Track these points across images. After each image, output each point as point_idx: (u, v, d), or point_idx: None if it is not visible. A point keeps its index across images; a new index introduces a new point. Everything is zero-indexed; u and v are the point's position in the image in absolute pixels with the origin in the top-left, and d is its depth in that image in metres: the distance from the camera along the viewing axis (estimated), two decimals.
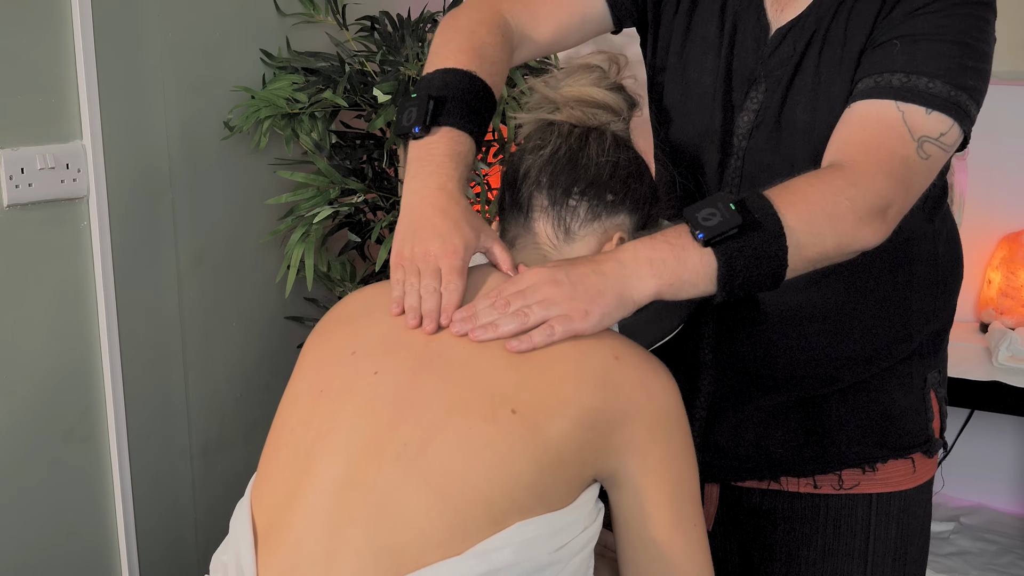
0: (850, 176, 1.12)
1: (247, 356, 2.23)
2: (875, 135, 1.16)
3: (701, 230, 1.07)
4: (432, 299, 1.09)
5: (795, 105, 1.26)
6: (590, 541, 1.05)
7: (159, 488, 2.05)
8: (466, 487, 0.99)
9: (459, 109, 1.20)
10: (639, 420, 1.06)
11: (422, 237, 1.13)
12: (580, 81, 1.26)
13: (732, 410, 1.36)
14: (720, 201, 1.08)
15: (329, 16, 2.24)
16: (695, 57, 1.34)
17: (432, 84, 1.22)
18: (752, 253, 1.07)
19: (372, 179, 2.14)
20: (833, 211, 1.10)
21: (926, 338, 1.36)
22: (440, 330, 1.09)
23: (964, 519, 2.64)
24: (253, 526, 1.06)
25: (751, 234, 1.07)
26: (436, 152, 1.18)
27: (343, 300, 1.19)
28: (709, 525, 1.43)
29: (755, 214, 1.08)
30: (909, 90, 1.16)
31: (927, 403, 1.37)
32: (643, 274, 1.07)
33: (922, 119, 1.16)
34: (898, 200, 1.14)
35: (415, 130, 1.19)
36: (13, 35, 1.72)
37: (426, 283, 1.10)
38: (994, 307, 2.49)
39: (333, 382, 1.09)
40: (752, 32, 1.30)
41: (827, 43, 1.25)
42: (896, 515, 1.37)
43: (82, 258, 1.86)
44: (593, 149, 1.23)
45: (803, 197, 1.10)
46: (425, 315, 1.09)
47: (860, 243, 1.12)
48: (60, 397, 1.86)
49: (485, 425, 1.01)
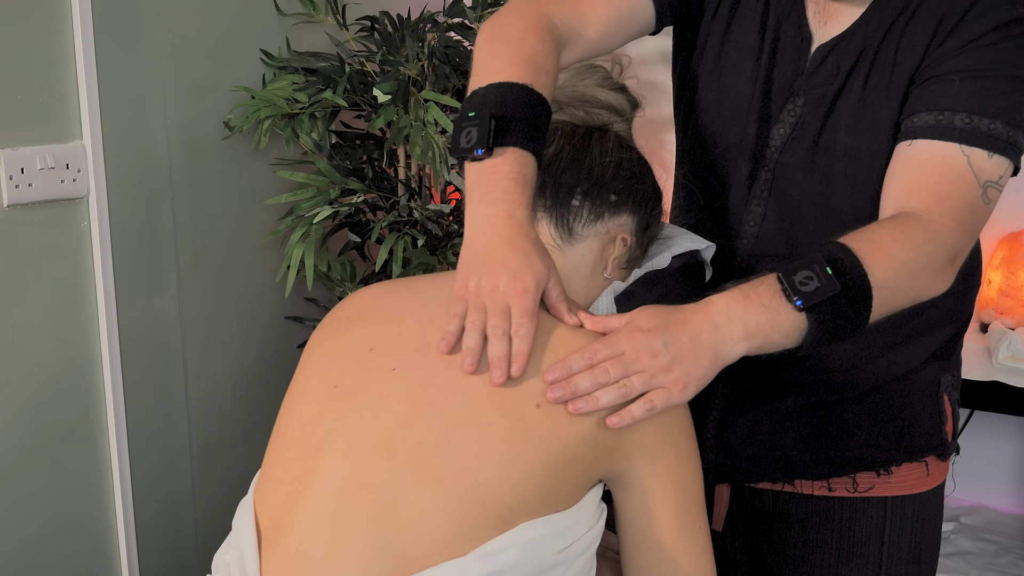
0: (928, 230, 1.12)
1: (247, 356, 2.22)
2: (946, 184, 1.15)
3: (800, 297, 1.05)
4: (502, 344, 1.01)
5: (837, 127, 1.25)
6: (594, 542, 1.05)
7: (159, 488, 2.05)
8: (477, 486, 0.98)
9: (522, 128, 1.11)
10: (651, 422, 1.06)
11: (490, 270, 1.05)
12: (583, 81, 1.26)
13: (746, 412, 1.35)
14: (816, 264, 1.07)
15: (329, 16, 2.24)
16: (732, 63, 1.32)
17: (489, 101, 1.12)
18: (843, 316, 1.07)
19: (372, 179, 2.14)
20: (914, 269, 1.10)
21: (943, 341, 1.36)
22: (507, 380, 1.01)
23: (964, 519, 2.64)
24: (256, 525, 1.06)
25: (843, 299, 1.06)
26: (501, 176, 1.09)
27: (351, 296, 1.18)
28: (719, 525, 1.43)
29: (850, 277, 1.07)
30: (972, 132, 1.15)
31: (941, 407, 1.37)
32: (737, 338, 1.04)
33: (985, 163, 1.16)
34: (965, 248, 1.16)
35: (478, 152, 1.09)
36: (13, 35, 1.72)
37: (494, 323, 1.02)
38: (994, 307, 2.49)
39: (347, 378, 1.07)
40: (793, 43, 1.29)
41: (875, 66, 1.24)
42: (910, 518, 1.36)
43: (82, 258, 1.86)
44: (596, 149, 1.23)
45: (888, 255, 1.09)
46: (493, 362, 1.01)
47: (932, 294, 1.14)
48: (60, 397, 1.85)
49: (507, 420, 1.00)
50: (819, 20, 1.29)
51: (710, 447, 1.37)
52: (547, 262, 1.07)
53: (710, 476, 1.38)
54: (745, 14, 1.33)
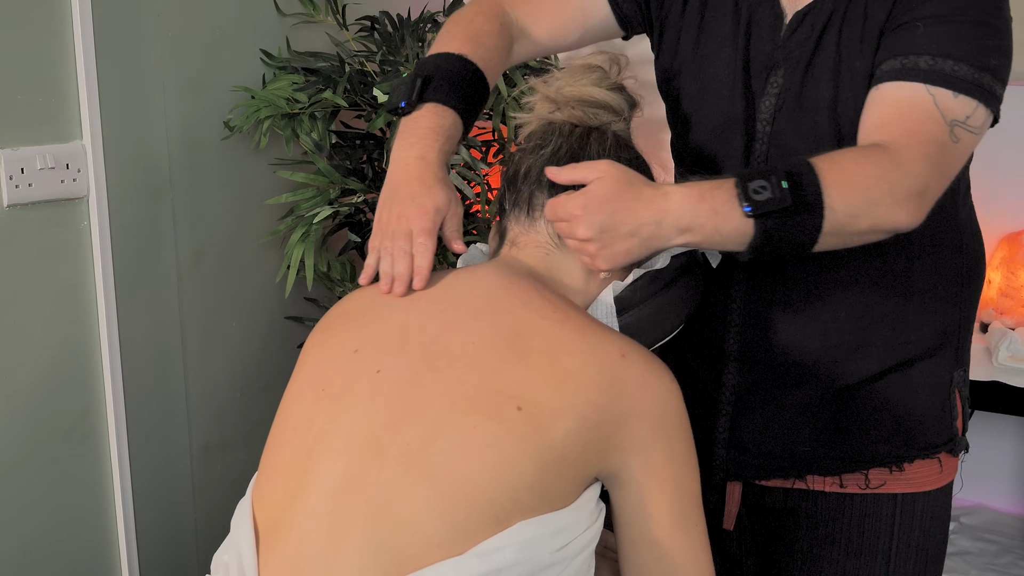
0: (895, 159, 1.15)
1: (247, 356, 2.22)
2: (913, 119, 1.18)
3: (749, 204, 1.10)
4: (402, 262, 1.14)
5: (817, 83, 1.27)
6: (591, 541, 1.05)
7: (159, 488, 2.05)
8: (468, 486, 0.98)
9: (444, 86, 1.25)
10: (643, 419, 1.06)
11: (398, 201, 1.19)
12: (581, 81, 1.26)
13: (759, 407, 1.35)
14: (774, 175, 1.11)
15: (329, 16, 2.24)
16: (711, 51, 1.35)
17: (424, 67, 1.29)
18: (789, 229, 1.11)
19: (372, 179, 2.14)
20: (874, 195, 1.13)
21: (951, 332, 1.36)
22: (410, 292, 1.13)
23: (964, 519, 2.64)
24: (254, 526, 1.06)
25: (794, 215, 1.11)
26: (420, 125, 1.23)
27: (345, 298, 1.19)
28: (730, 524, 1.43)
29: (804, 194, 1.11)
30: (936, 73, 1.18)
31: (952, 402, 1.37)
32: (675, 233, 1.12)
33: (951, 102, 1.18)
34: (934, 184, 1.17)
35: (401, 104, 1.26)
36: (13, 35, 1.72)
37: (395, 245, 1.15)
38: (994, 307, 2.49)
39: (335, 381, 1.09)
40: (767, 21, 1.31)
41: (846, 21, 1.27)
42: (919, 516, 1.36)
43: (82, 258, 1.86)
44: (594, 149, 1.23)
45: (849, 178, 1.13)
46: (396, 278, 1.13)
47: (893, 224, 1.15)
48: (60, 397, 1.85)
49: (490, 423, 1.01)
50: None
51: (722, 443, 1.38)
52: (449, 195, 1.20)
53: (722, 473, 1.39)
54: (716, 4, 1.36)
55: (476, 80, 1.29)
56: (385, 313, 1.12)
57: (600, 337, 1.09)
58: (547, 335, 1.07)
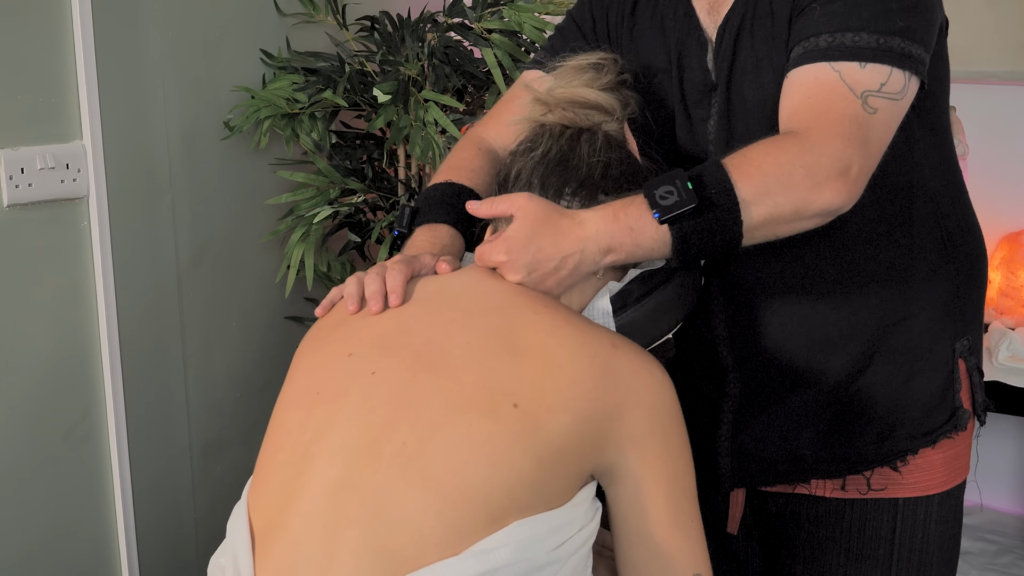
0: (805, 143, 1.14)
1: (247, 356, 2.23)
2: (820, 100, 1.18)
3: (658, 210, 1.12)
4: (375, 282, 1.14)
5: (742, 85, 1.29)
6: (588, 540, 1.05)
7: (159, 488, 2.05)
8: (465, 486, 0.99)
9: (434, 208, 1.30)
10: (637, 411, 1.06)
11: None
12: (573, 82, 1.26)
13: (759, 414, 1.35)
14: (678, 179, 1.13)
15: (329, 16, 2.25)
16: (653, 87, 1.37)
17: (416, 201, 1.35)
18: (707, 228, 1.12)
19: (372, 179, 2.14)
20: (788, 180, 1.13)
21: (949, 303, 1.33)
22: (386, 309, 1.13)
23: (964, 519, 2.64)
24: (250, 529, 1.06)
25: (706, 213, 1.12)
26: (416, 241, 1.28)
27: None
28: (735, 529, 1.43)
29: (711, 191, 1.12)
30: (837, 48, 1.18)
31: (955, 374, 1.34)
32: (599, 256, 1.14)
33: (858, 74, 1.17)
34: (857, 159, 1.15)
35: (395, 233, 1.32)
36: (13, 35, 1.72)
37: (370, 273, 1.17)
38: (994, 307, 2.49)
39: (329, 384, 1.09)
40: (695, 50, 1.33)
41: (756, 21, 1.28)
42: (922, 520, 1.35)
43: (82, 258, 1.86)
44: (584, 149, 1.23)
45: (758, 167, 1.13)
46: (370, 297, 1.13)
47: (820, 206, 1.14)
48: (60, 397, 1.86)
49: (486, 421, 1.01)
50: (710, 14, 1.33)
51: (725, 452, 1.37)
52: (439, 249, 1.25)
53: (727, 483, 1.39)
54: (648, 45, 1.38)
55: (465, 196, 1.31)
56: (377, 318, 1.12)
57: (591, 329, 1.10)
58: (539, 330, 1.08)
